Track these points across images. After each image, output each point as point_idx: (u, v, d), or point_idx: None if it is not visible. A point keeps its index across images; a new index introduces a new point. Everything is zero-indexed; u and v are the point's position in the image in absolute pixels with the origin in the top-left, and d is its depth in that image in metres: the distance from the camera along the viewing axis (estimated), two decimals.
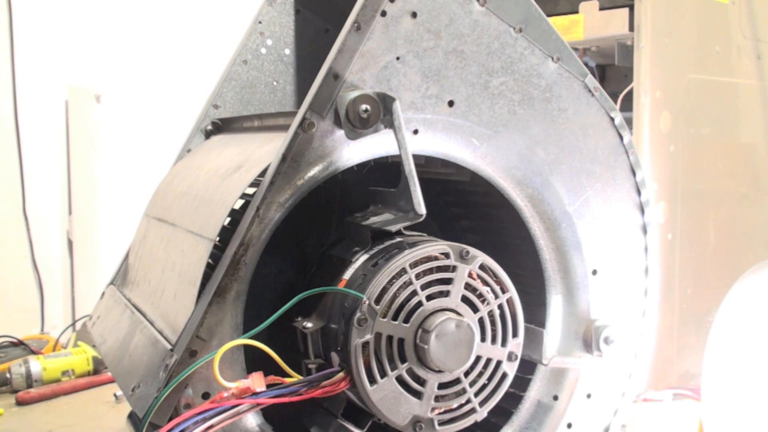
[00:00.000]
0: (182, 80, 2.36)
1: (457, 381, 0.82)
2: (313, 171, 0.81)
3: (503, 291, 0.84)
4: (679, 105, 1.47)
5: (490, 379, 0.85)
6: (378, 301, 0.78)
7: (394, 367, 0.79)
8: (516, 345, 0.86)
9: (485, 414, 0.85)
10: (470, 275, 0.82)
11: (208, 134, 1.26)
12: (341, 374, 0.79)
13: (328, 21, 1.32)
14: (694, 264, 1.51)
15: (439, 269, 0.81)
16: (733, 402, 1.11)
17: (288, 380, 0.77)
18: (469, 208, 1.12)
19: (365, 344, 0.78)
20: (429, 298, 0.80)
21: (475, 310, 0.82)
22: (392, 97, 0.80)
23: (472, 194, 1.05)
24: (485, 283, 0.83)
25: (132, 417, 1.02)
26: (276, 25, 1.30)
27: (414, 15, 0.84)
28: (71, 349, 1.88)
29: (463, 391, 0.83)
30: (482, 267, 0.83)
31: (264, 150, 0.92)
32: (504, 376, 0.85)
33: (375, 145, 0.84)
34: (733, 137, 1.63)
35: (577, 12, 1.52)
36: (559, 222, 0.94)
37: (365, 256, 0.87)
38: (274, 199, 0.79)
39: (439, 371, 0.80)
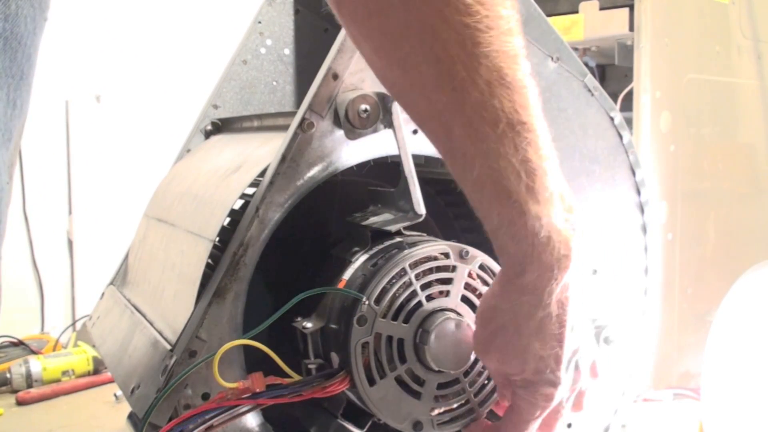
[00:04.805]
0: (182, 80, 2.36)
1: (457, 381, 0.82)
2: (313, 171, 0.81)
3: None
4: (679, 105, 1.47)
5: (489, 378, 0.85)
6: (378, 301, 0.78)
7: (393, 368, 0.79)
8: None
9: (485, 414, 0.85)
10: (470, 275, 0.82)
11: (207, 134, 1.25)
12: (341, 374, 0.79)
13: (328, 21, 1.31)
14: (694, 264, 1.51)
15: (439, 269, 0.81)
16: (733, 402, 1.11)
17: (288, 380, 0.77)
18: (468, 208, 1.11)
19: (365, 344, 0.78)
20: (429, 298, 0.80)
21: (475, 310, 0.82)
22: (392, 97, 0.80)
23: None
24: (485, 283, 0.83)
25: (132, 417, 1.02)
26: (275, 25, 1.30)
27: None
28: (71, 349, 1.88)
29: (463, 391, 0.83)
30: (482, 267, 0.83)
31: (263, 150, 0.92)
32: None
33: (374, 145, 0.84)
34: (733, 137, 1.63)
35: (577, 12, 1.52)
36: None
37: (365, 256, 0.87)
38: (274, 200, 0.79)
39: (439, 371, 0.80)
